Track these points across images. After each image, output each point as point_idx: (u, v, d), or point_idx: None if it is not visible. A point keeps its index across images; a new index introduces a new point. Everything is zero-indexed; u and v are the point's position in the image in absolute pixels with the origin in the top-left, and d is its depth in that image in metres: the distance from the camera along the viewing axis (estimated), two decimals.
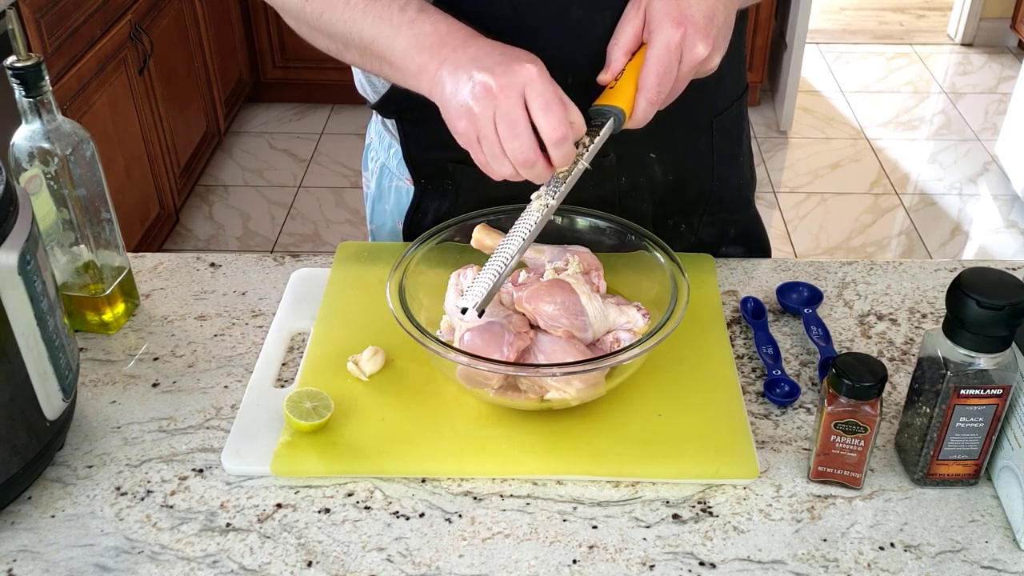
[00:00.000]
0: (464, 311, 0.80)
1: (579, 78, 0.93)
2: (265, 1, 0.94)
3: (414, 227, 1.09)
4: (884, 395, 0.77)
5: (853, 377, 0.75)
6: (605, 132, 0.84)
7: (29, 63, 0.84)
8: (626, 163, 1.00)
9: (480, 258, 0.91)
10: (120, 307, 0.98)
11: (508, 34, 0.91)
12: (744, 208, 1.15)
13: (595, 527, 0.78)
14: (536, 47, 0.91)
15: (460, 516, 0.79)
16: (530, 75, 0.76)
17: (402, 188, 1.09)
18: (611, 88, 0.85)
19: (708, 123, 1.05)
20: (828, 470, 0.80)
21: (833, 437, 0.78)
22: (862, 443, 0.77)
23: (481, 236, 0.92)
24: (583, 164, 0.83)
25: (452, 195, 1.04)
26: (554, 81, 0.78)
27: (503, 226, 0.94)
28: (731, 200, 1.12)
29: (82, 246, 0.94)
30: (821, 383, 0.85)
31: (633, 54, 0.85)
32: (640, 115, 0.84)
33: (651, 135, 0.87)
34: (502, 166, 0.78)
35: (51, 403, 0.79)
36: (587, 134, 0.84)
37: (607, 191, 1.02)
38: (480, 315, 0.80)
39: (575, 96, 0.94)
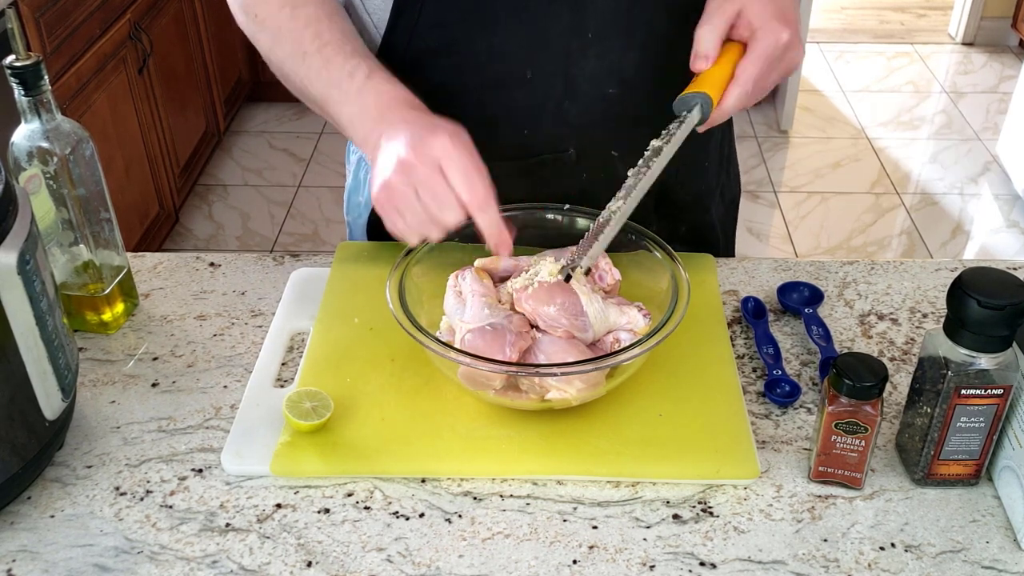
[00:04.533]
0: (568, 278, 0.84)
1: (538, 72, 0.93)
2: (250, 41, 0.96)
3: (378, 218, 1.10)
4: (885, 395, 0.77)
5: (854, 377, 0.75)
6: (692, 118, 0.85)
7: (28, 62, 0.84)
8: (588, 160, 1.00)
9: (481, 256, 0.91)
10: (119, 307, 0.98)
11: (468, 27, 0.91)
12: (700, 213, 1.14)
13: (595, 527, 0.77)
14: (495, 40, 0.92)
15: (460, 516, 0.78)
16: (444, 146, 0.77)
17: None
18: (697, 77, 0.86)
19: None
20: (829, 470, 0.80)
21: (834, 437, 0.77)
22: (863, 443, 0.77)
23: (484, 263, 0.91)
24: (672, 147, 0.84)
25: None
26: (470, 148, 0.79)
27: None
28: (688, 203, 1.12)
29: (81, 246, 0.94)
30: (822, 383, 0.85)
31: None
32: (729, 106, 0.85)
33: (614, 132, 0.87)
34: (431, 231, 0.81)
35: (50, 403, 0.79)
36: (673, 122, 0.85)
37: (567, 186, 1.01)
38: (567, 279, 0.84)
39: (534, 90, 0.94)
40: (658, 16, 0.90)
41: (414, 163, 0.77)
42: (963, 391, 0.75)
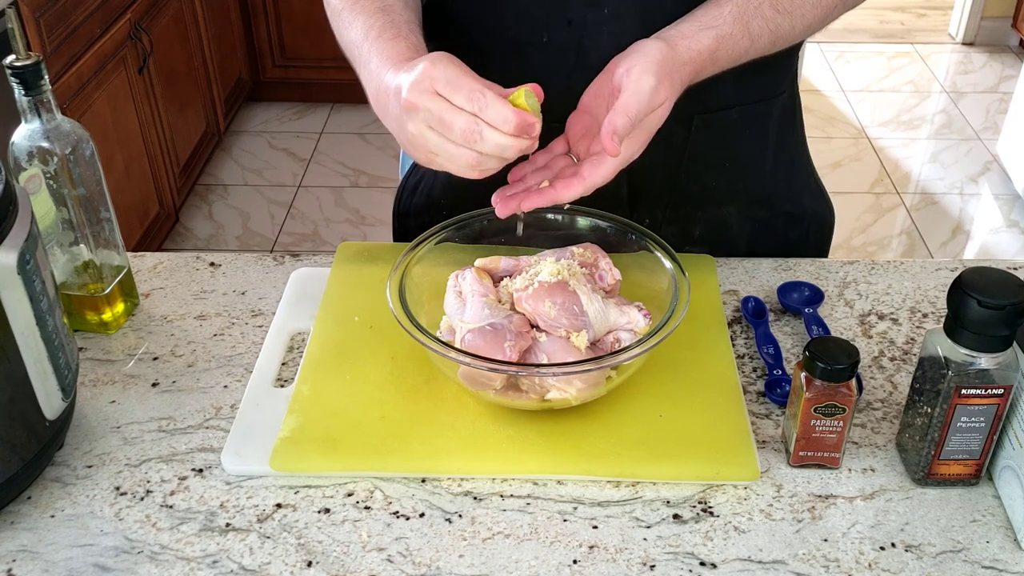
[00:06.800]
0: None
1: (553, 38, 0.97)
2: None
3: (404, 194, 1.17)
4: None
5: (828, 360, 0.76)
6: None
7: (28, 62, 0.84)
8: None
9: (481, 256, 0.91)
10: (119, 307, 0.98)
11: None
12: (713, 208, 1.11)
13: (595, 527, 0.77)
14: (520, 2, 0.96)
15: (460, 516, 0.78)
16: (426, 73, 0.78)
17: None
18: None
19: (688, 117, 1.02)
20: (809, 454, 0.81)
21: (814, 421, 0.78)
22: (841, 424, 0.78)
23: (484, 263, 0.91)
24: None
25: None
26: (453, 60, 0.79)
27: (496, 225, 0.94)
28: (697, 196, 1.09)
29: (81, 245, 0.94)
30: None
31: None
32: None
33: None
34: (463, 156, 0.80)
35: (50, 403, 0.79)
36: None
37: None
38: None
39: (548, 57, 0.98)
40: (674, 1, 0.90)
41: (412, 104, 0.78)
42: (963, 391, 0.75)
